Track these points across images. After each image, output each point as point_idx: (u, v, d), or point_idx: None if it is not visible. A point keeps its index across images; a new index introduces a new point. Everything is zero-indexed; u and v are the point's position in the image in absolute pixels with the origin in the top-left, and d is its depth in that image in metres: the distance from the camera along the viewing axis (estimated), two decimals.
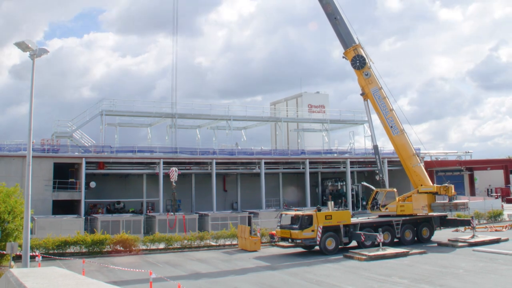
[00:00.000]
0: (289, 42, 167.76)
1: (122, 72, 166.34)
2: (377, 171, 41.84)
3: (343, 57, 41.56)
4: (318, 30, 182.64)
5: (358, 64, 40.43)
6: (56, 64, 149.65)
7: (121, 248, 35.74)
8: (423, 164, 40.11)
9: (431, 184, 39.06)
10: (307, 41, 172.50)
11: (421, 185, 38.74)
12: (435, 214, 38.99)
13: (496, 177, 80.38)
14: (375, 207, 40.45)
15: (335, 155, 62.30)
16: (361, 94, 41.26)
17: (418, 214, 38.32)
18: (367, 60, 40.25)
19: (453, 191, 39.21)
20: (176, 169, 44.81)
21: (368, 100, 40.63)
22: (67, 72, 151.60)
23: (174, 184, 43.83)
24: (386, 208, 39.85)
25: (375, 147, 42.30)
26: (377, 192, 41.38)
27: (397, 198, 39.73)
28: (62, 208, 45.42)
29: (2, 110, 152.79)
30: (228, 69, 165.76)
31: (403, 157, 39.99)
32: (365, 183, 47.71)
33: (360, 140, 65.35)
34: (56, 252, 33.03)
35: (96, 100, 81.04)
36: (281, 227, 36.28)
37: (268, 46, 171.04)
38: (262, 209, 51.63)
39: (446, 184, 38.91)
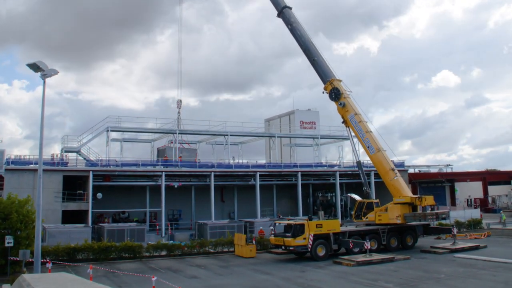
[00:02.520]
0: None
1: None
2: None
3: (323, 92, 43.44)
4: None
5: (333, 96, 42.23)
6: None
7: (126, 255, 35.80)
8: (400, 177, 40.14)
9: (410, 195, 39.05)
10: None
11: (399, 197, 38.93)
12: (415, 223, 38.96)
13: (475, 188, 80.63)
14: (359, 217, 40.84)
15: (325, 168, 62.41)
16: (342, 122, 42.92)
17: (392, 223, 38.19)
18: (341, 91, 41.59)
19: (432, 201, 39.38)
20: None
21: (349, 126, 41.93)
22: None
23: None
24: (367, 217, 40.17)
25: (358, 163, 43.32)
26: (359, 202, 41.78)
27: (374, 209, 39.93)
28: (71, 217, 45.37)
29: None
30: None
31: (381, 173, 40.71)
32: (350, 194, 47.95)
33: (349, 154, 65.65)
34: (65, 258, 33.03)
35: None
36: (275, 235, 36.42)
37: None
38: (257, 218, 51.54)
39: (419, 195, 39.09)
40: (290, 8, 45.18)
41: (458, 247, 36.63)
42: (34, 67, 26.31)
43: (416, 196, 38.99)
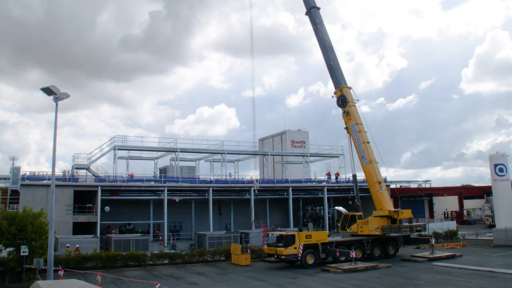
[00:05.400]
0: None
1: None
2: (350, 197, 42.46)
3: (332, 96, 42.60)
4: None
5: (340, 103, 41.52)
6: None
7: (132, 263, 35.78)
8: (385, 190, 40.20)
9: (389, 208, 39.00)
10: None
11: (380, 209, 39.11)
12: (392, 234, 38.82)
13: (452, 202, 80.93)
14: (344, 228, 41.04)
15: (314, 183, 62.62)
16: (345, 128, 42.00)
17: (372, 234, 38.27)
18: (348, 100, 40.86)
19: (409, 215, 39.54)
20: None
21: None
22: None
23: None
24: (350, 229, 40.35)
25: (354, 176, 42.79)
26: (345, 215, 41.92)
27: (357, 221, 40.04)
28: (81, 229, 45.32)
29: None
30: None
31: (369, 183, 40.52)
32: (336, 208, 47.98)
33: (336, 171, 65.49)
34: (76, 266, 32.96)
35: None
36: (268, 245, 36.55)
37: None
38: (252, 230, 51.57)
39: (396, 209, 39.20)
40: (318, 9, 43.83)
41: (436, 256, 36.78)
42: (47, 91, 26.48)
43: (394, 209, 39.05)
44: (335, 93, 42.29)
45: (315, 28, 43.66)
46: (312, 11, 43.87)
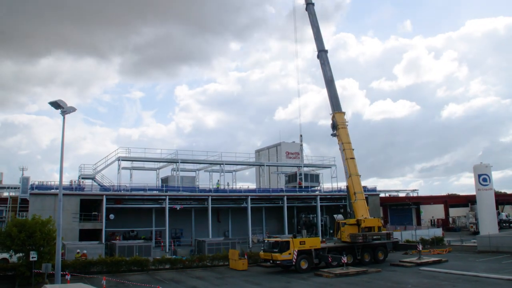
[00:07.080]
0: None
1: None
2: (342, 206, 42.83)
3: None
4: None
5: (332, 126, 44.10)
6: None
7: (135, 268, 35.78)
8: (360, 200, 40.63)
9: (361, 217, 39.49)
10: None
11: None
12: (384, 241, 39.37)
13: (438, 210, 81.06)
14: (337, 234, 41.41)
15: (308, 192, 62.76)
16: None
17: (346, 241, 38.65)
18: (336, 124, 43.26)
19: (375, 223, 40.02)
20: None
21: None
22: None
23: None
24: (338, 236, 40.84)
25: (347, 187, 43.51)
26: (336, 222, 42.26)
27: (341, 228, 40.33)
28: (87, 235, 45.26)
29: None
30: None
31: (350, 194, 41.81)
32: (335, 216, 48.22)
33: (328, 181, 65.69)
34: (82, 271, 32.96)
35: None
36: (264, 250, 36.62)
37: None
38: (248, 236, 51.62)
39: (362, 218, 39.49)
40: (326, 52, 47.70)
41: (423, 261, 36.93)
42: (55, 105, 26.65)
43: (360, 218, 39.37)
44: (331, 118, 44.53)
45: (321, 66, 47.57)
46: (319, 54, 47.76)
